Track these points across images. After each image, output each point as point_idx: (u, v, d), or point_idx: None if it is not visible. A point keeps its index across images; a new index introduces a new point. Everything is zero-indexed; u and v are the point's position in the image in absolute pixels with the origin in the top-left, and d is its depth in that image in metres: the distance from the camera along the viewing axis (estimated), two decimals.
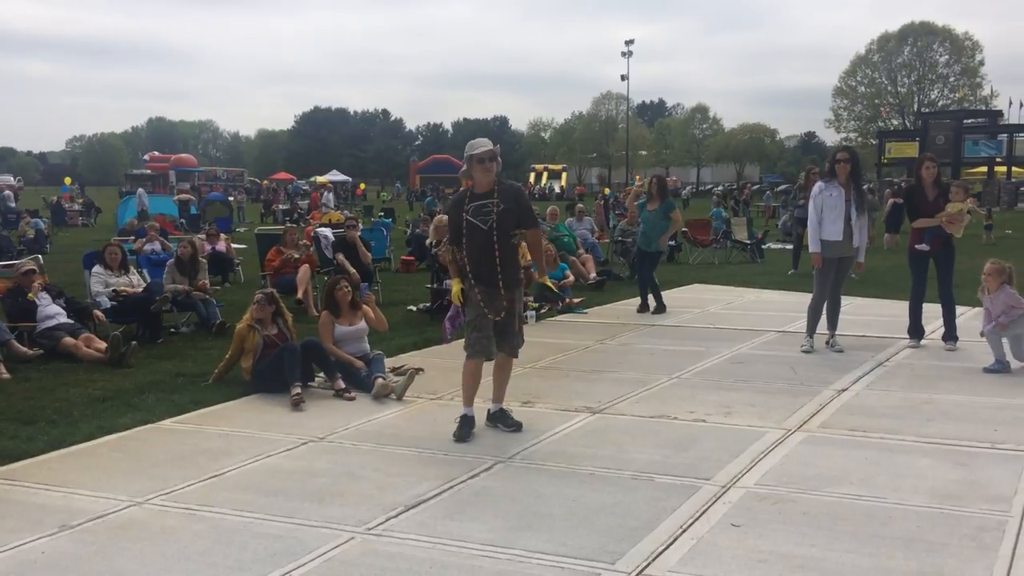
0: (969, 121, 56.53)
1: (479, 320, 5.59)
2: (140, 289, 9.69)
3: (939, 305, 8.33)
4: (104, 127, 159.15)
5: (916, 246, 8.34)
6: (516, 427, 5.69)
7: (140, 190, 31.03)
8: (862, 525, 4.12)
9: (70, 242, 23.87)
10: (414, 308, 11.13)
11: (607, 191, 52.03)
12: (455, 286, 5.72)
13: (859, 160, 8.39)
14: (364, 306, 7.53)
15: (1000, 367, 7.22)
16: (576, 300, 11.58)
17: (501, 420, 5.74)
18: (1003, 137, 53.45)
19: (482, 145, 5.58)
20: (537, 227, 5.85)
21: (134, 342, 8.27)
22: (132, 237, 16.43)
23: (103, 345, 8.18)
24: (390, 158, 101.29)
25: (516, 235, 5.60)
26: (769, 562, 3.76)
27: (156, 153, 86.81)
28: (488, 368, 5.81)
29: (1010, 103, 72.24)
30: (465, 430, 5.59)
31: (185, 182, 58.01)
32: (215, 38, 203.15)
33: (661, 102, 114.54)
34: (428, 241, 12.70)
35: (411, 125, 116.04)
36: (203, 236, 15.56)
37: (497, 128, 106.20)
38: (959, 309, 8.66)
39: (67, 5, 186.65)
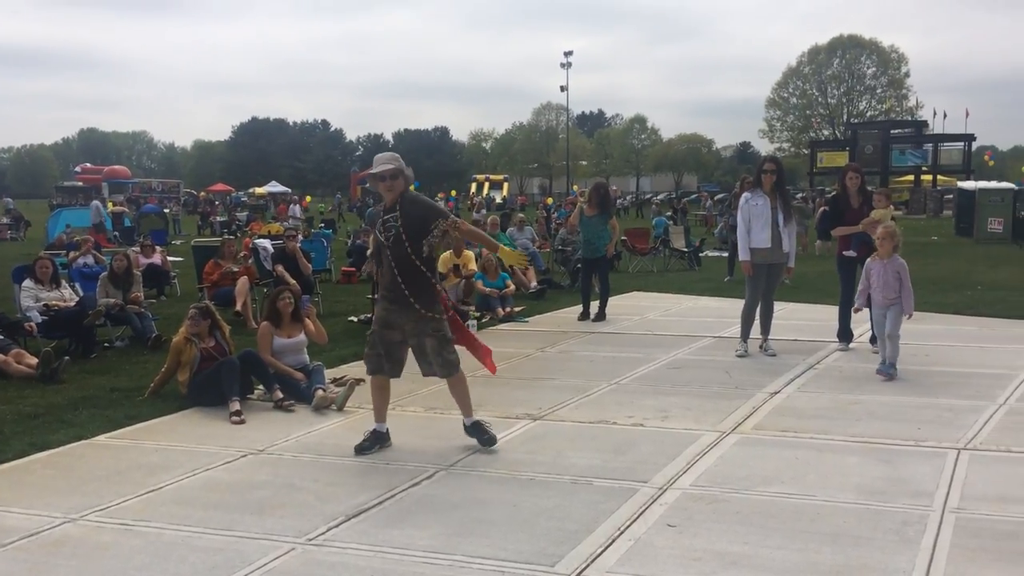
0: (896, 131, 58.50)
1: (372, 336, 5.56)
2: (72, 303, 9.49)
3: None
4: (33, 138, 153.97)
5: (843, 252, 8.63)
6: (490, 441, 5.49)
7: (96, 202, 30.25)
8: (792, 522, 4.27)
9: None
10: (355, 319, 11.10)
11: (550, 200, 52.38)
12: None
13: (784, 169, 8.68)
14: (305, 319, 7.50)
15: (893, 370, 7.28)
16: (517, 309, 11.67)
17: (476, 434, 5.53)
18: (928, 146, 55.40)
19: (381, 163, 5.41)
20: (447, 216, 5.47)
21: (67, 357, 8.09)
22: (64, 251, 16.03)
23: (34, 361, 7.99)
24: (330, 169, 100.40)
25: (424, 247, 5.33)
26: (704, 560, 3.87)
27: (88, 165, 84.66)
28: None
29: (935, 113, 74.81)
30: (367, 443, 5.52)
31: (119, 194, 56.75)
32: (149, 47, 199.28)
33: (600, 112, 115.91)
34: (369, 252, 12.65)
35: (351, 136, 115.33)
36: (137, 249, 15.28)
37: (438, 138, 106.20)
38: None
39: None
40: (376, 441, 5.57)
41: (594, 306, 11.09)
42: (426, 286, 5.41)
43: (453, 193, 68.62)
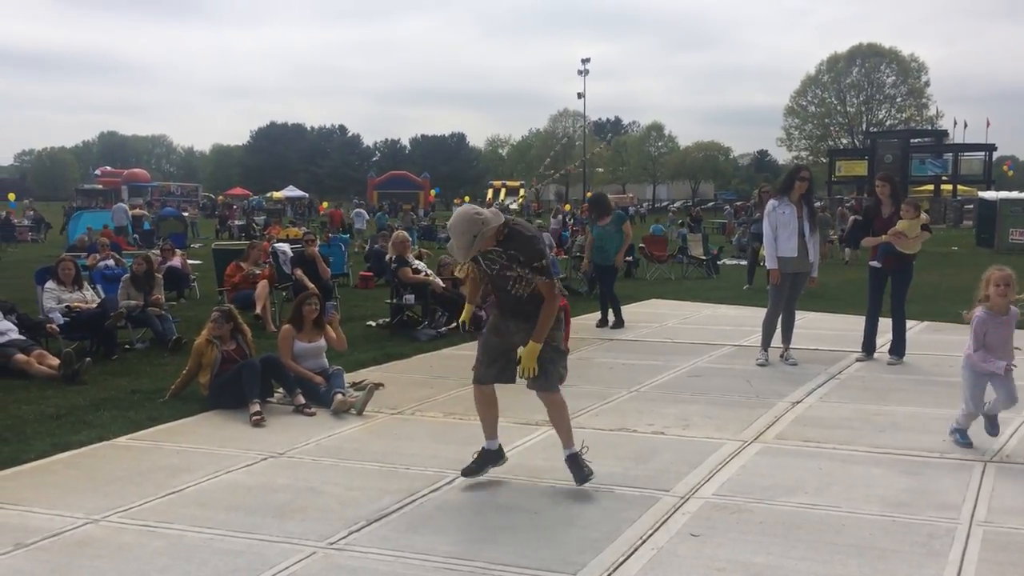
0: (916, 140, 58.14)
1: (482, 341, 5.05)
2: (94, 305, 9.55)
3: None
4: (54, 141, 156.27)
5: (870, 262, 8.56)
6: (583, 478, 4.83)
7: (122, 205, 30.47)
8: (817, 533, 4.22)
9: (19, 258, 23.38)
10: (373, 324, 11.13)
11: (567, 207, 52.33)
12: (465, 312, 5.23)
13: (813, 181, 8.65)
14: (327, 325, 7.51)
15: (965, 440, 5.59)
16: None
17: (571, 468, 4.88)
18: (948, 156, 55.04)
19: (455, 240, 4.63)
20: (545, 279, 4.69)
21: (88, 358, 8.14)
22: (85, 253, 16.15)
23: (56, 362, 8.04)
24: (347, 174, 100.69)
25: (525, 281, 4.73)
26: (727, 570, 3.83)
27: (108, 168, 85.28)
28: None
29: (955, 123, 74.50)
30: (476, 464, 5.00)
31: (138, 197, 57.18)
32: (170, 52, 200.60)
33: (617, 120, 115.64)
34: (388, 256, 12.66)
35: (368, 141, 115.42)
36: (158, 252, 15.38)
37: (455, 144, 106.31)
38: (909, 323, 8.88)
39: (17, 17, 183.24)
40: (485, 462, 5.02)
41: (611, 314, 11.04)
42: (528, 305, 4.80)
43: (467, 199, 68.68)
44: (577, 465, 4.88)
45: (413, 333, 10.30)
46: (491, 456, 5.04)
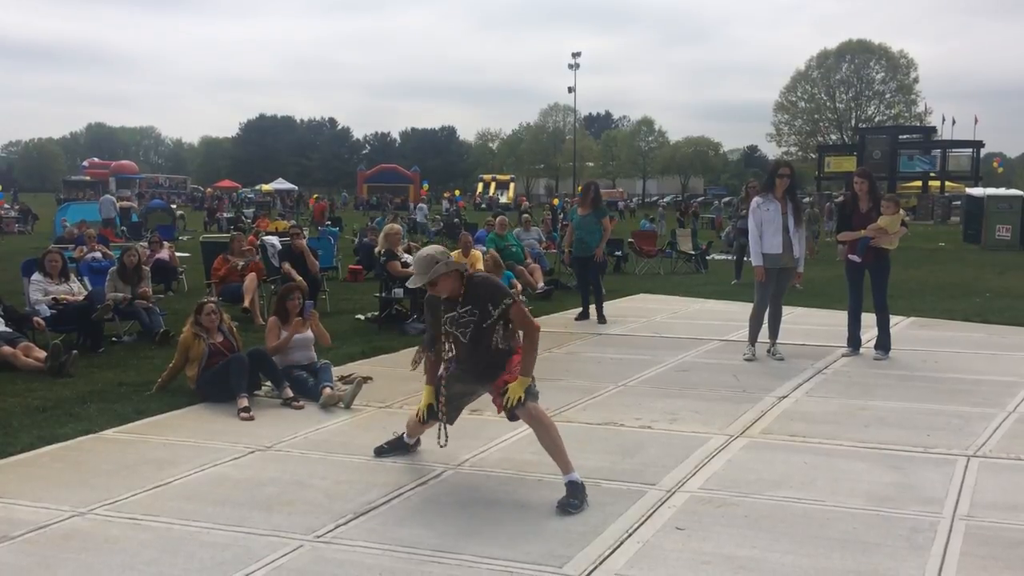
0: (904, 137, 58.44)
1: (438, 388, 4.98)
2: (81, 297, 9.51)
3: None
4: (41, 132, 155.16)
5: (849, 256, 8.60)
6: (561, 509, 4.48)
7: (109, 197, 30.22)
8: (801, 527, 4.25)
9: (6, 250, 23.21)
10: (362, 317, 11.12)
11: (556, 201, 52.34)
12: (426, 395, 5.05)
13: (797, 175, 8.66)
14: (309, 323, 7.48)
15: None
16: None
17: (568, 494, 4.55)
18: (937, 152, 55.32)
19: (417, 274, 4.67)
20: (512, 297, 4.76)
21: (75, 351, 8.10)
22: (72, 245, 16.06)
23: (42, 354, 8.01)
24: (337, 167, 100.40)
25: (497, 331, 4.75)
26: (713, 563, 3.86)
27: (96, 159, 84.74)
28: None
29: (943, 120, 74.92)
30: (387, 447, 5.42)
31: (126, 189, 56.86)
32: (159, 43, 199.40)
33: (608, 114, 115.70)
34: (377, 250, 12.65)
35: (359, 134, 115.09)
36: (145, 244, 15.30)
37: (445, 138, 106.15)
38: (894, 319, 8.93)
39: (5, 7, 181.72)
40: (397, 448, 5.44)
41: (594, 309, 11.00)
42: (508, 353, 4.82)
43: (458, 192, 68.64)
44: (574, 493, 4.52)
45: (402, 327, 10.30)
46: (405, 446, 5.42)
